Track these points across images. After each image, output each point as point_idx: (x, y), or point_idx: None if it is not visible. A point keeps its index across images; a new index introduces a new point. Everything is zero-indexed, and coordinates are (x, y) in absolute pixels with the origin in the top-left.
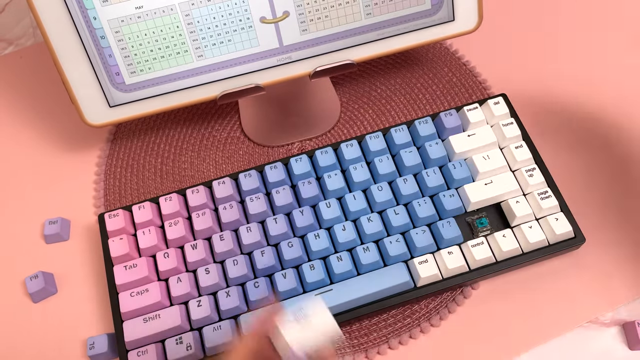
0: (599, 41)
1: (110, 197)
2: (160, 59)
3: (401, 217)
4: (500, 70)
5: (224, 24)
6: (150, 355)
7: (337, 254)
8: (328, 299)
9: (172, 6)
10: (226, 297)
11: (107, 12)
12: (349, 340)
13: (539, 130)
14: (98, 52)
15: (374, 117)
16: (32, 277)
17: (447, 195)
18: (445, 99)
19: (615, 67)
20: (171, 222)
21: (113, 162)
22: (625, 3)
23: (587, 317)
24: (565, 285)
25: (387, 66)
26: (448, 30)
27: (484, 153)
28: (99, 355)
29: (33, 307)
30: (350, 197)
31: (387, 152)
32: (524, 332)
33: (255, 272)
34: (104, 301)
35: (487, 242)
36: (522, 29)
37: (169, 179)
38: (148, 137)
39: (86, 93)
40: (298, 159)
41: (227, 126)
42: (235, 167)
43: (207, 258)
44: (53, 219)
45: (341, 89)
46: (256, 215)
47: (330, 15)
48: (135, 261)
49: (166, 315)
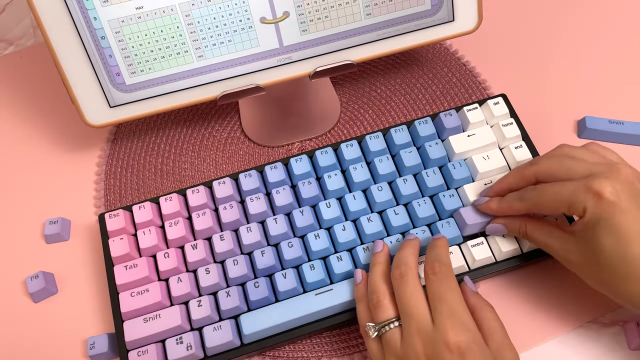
0: (599, 41)
1: (111, 197)
2: (161, 59)
3: (401, 217)
4: (500, 70)
5: (224, 25)
6: (150, 355)
7: (337, 254)
8: (328, 299)
9: (172, 6)
10: (226, 297)
11: (107, 12)
12: (349, 340)
13: (539, 130)
14: (98, 53)
15: (374, 117)
16: (33, 277)
17: (447, 195)
18: (445, 99)
19: (616, 67)
20: (171, 222)
21: (113, 162)
22: (625, 3)
23: (587, 317)
24: (565, 285)
25: (387, 66)
26: (448, 31)
27: (483, 153)
28: (99, 355)
29: (33, 307)
30: (350, 197)
31: (387, 153)
32: (524, 331)
33: (256, 272)
34: (104, 301)
35: (486, 242)
36: (522, 29)
37: (169, 179)
38: (148, 137)
39: (86, 93)
40: (298, 159)
41: (228, 126)
42: (236, 167)
43: (208, 258)
44: (53, 219)
45: (341, 89)
46: (256, 215)
47: (330, 16)
48: (135, 261)
49: (166, 315)
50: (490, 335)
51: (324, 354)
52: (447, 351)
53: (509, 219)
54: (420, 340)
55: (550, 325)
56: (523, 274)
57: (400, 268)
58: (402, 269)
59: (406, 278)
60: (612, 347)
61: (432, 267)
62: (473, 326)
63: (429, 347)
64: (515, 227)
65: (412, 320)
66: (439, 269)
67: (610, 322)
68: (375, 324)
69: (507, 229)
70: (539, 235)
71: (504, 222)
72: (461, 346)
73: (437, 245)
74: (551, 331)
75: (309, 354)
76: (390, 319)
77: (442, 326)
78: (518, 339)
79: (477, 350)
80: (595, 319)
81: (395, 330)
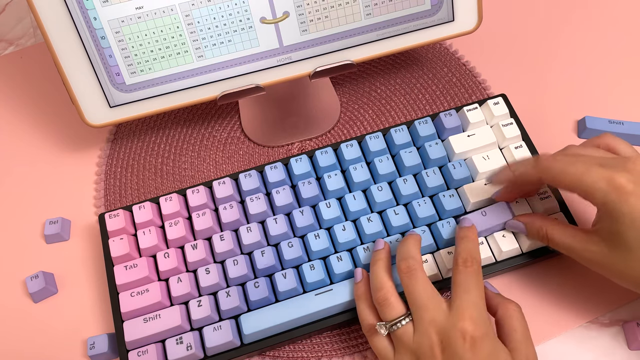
0: (599, 41)
1: (111, 197)
2: (161, 59)
3: (401, 217)
4: (500, 70)
5: (224, 25)
6: (150, 355)
7: (337, 254)
8: (328, 299)
9: (172, 6)
10: (226, 297)
11: (107, 12)
12: (349, 340)
13: (539, 130)
14: (98, 53)
15: (374, 117)
16: (33, 277)
17: (446, 195)
18: (445, 99)
19: (616, 66)
20: (171, 222)
21: (113, 162)
22: (625, 3)
23: (587, 317)
24: (565, 285)
25: (387, 66)
26: (448, 31)
27: (483, 153)
28: (99, 355)
29: (33, 307)
30: (350, 197)
31: (387, 153)
32: None
33: (256, 272)
34: (104, 301)
35: (486, 242)
36: (522, 29)
37: (169, 179)
38: (148, 137)
39: (86, 93)
40: (298, 159)
41: (227, 126)
42: (236, 167)
43: (208, 258)
44: (53, 219)
45: (341, 89)
46: (256, 215)
47: (330, 16)
48: (135, 261)
49: (166, 315)
50: (510, 333)
51: (324, 354)
52: (460, 338)
53: (531, 218)
54: (434, 330)
55: (551, 325)
56: (523, 274)
57: (407, 261)
58: (409, 262)
59: (415, 272)
60: (612, 347)
61: (464, 260)
62: (490, 324)
63: (444, 335)
64: (535, 229)
65: (425, 312)
66: (471, 264)
67: (610, 322)
68: (386, 323)
69: (526, 229)
70: (560, 237)
71: (526, 221)
72: (475, 335)
73: (471, 238)
74: (551, 331)
75: (309, 354)
76: (401, 316)
77: (461, 313)
78: None
79: (490, 344)
80: (595, 319)
81: (407, 326)
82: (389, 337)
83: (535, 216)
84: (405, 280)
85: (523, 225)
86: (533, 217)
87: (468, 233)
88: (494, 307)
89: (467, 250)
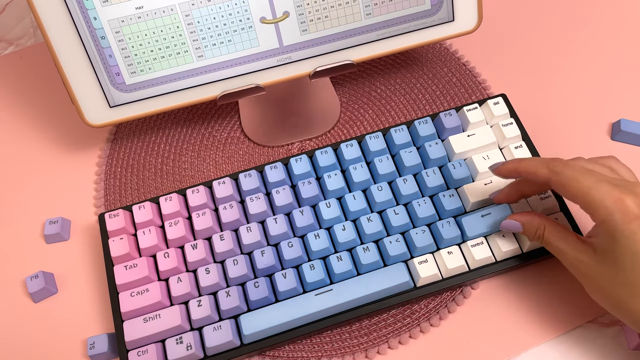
0: (599, 41)
1: (111, 197)
2: (161, 59)
3: (401, 217)
4: (500, 70)
5: (224, 24)
6: (150, 355)
7: (337, 254)
8: (328, 299)
9: (172, 6)
10: (226, 297)
11: (107, 12)
12: (349, 340)
13: (539, 130)
14: (98, 53)
15: (374, 117)
16: (33, 277)
17: (446, 195)
18: (445, 99)
19: (616, 66)
20: (171, 222)
21: (113, 162)
22: (625, 3)
23: (587, 317)
24: (565, 285)
25: (387, 66)
26: (448, 31)
27: (483, 153)
28: (99, 355)
29: (33, 307)
30: (350, 197)
31: (387, 152)
32: (524, 331)
33: (256, 272)
34: (104, 301)
35: (486, 242)
36: (522, 29)
37: (169, 179)
38: (148, 137)
39: (86, 93)
40: (298, 159)
41: (227, 126)
42: (235, 167)
43: (207, 258)
44: (53, 219)
45: (341, 89)
46: (256, 215)
47: (330, 16)
48: (135, 261)
49: (166, 315)
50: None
51: (324, 354)
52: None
53: (530, 217)
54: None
55: (550, 325)
56: (523, 274)
57: (554, 161)
58: (556, 160)
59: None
60: (612, 347)
61: (552, 165)
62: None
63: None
64: (533, 228)
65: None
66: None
67: (610, 322)
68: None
69: (523, 228)
70: (555, 240)
71: (524, 220)
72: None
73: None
74: (551, 331)
75: (309, 354)
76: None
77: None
78: (518, 339)
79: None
80: (595, 319)
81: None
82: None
83: (535, 214)
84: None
85: (519, 223)
86: (532, 215)
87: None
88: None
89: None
